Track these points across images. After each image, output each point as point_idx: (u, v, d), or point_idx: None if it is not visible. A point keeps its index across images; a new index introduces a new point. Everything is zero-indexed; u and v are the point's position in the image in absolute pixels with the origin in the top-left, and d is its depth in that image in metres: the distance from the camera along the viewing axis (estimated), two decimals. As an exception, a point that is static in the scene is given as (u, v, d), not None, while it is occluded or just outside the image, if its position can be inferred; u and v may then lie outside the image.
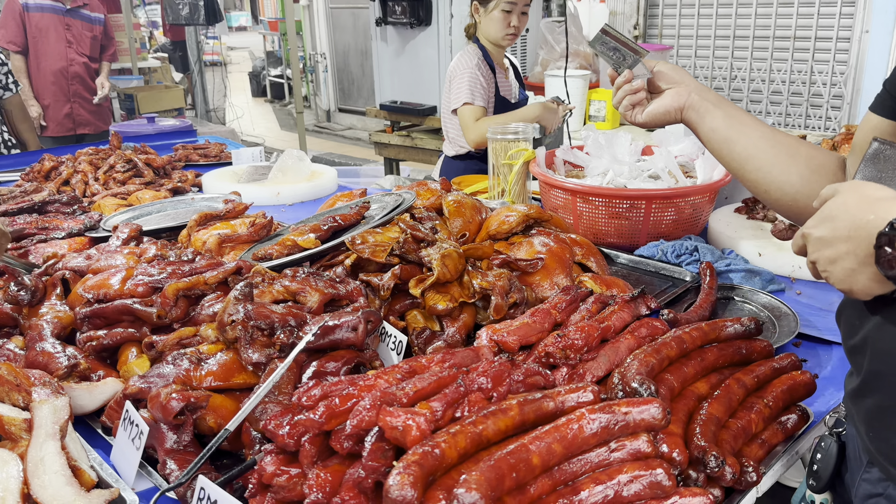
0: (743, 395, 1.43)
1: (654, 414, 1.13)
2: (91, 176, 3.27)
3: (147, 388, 1.44)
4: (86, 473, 1.32)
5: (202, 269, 1.81)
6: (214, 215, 2.42)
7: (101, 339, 1.68)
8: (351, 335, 1.50)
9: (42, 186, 3.11)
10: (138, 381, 1.46)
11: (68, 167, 3.30)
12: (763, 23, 6.77)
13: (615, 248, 2.51)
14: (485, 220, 2.45)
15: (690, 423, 1.32)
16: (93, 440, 1.49)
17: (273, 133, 13.54)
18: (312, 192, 3.41)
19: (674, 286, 2.24)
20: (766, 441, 1.40)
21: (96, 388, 1.52)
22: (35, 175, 3.32)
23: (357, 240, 1.94)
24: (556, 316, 1.64)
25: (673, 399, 1.37)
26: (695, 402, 1.39)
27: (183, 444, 1.36)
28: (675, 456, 1.20)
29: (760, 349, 1.55)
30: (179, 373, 1.46)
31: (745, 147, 1.47)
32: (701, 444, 1.23)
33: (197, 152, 4.13)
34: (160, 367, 1.50)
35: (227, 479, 1.23)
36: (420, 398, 1.11)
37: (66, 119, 5.78)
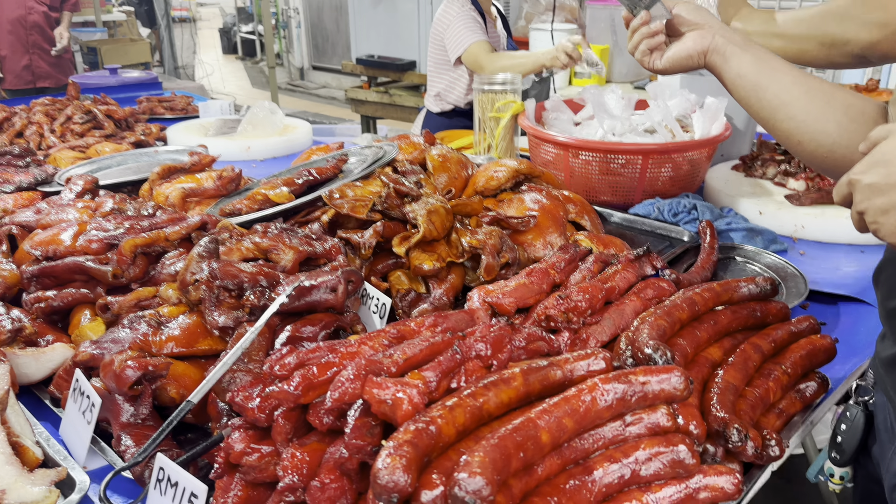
0: (759, 361, 1.31)
1: (675, 384, 1.00)
2: (47, 128, 3.05)
3: (100, 354, 1.28)
4: (30, 451, 1.16)
5: (163, 224, 1.64)
6: (178, 168, 2.24)
7: (51, 301, 1.51)
8: (330, 296, 1.35)
9: (-7, 138, 2.88)
10: (90, 346, 1.30)
11: (22, 118, 3.07)
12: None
13: (609, 206, 2.37)
14: (471, 177, 2.30)
15: (706, 392, 1.20)
16: (40, 413, 1.34)
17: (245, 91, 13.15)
18: (285, 146, 3.22)
19: (671, 246, 2.11)
20: (783, 411, 1.28)
21: (43, 354, 1.36)
22: (-14, 126, 3.08)
23: (335, 194, 1.77)
24: (554, 276, 1.50)
25: (686, 365, 1.25)
26: (709, 369, 1.27)
27: (141, 418, 1.21)
28: (692, 429, 1.08)
29: (776, 311, 1.43)
30: (137, 338, 1.30)
31: (777, 94, 1.33)
32: (720, 416, 1.11)
33: (162, 105, 3.90)
34: (115, 332, 1.34)
35: (188, 457, 1.09)
36: (411, 367, 0.97)
37: (25, 71, 5.47)
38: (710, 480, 0.97)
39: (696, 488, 0.97)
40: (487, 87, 2.68)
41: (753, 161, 2.53)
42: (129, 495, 1.14)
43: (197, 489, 0.99)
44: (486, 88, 2.68)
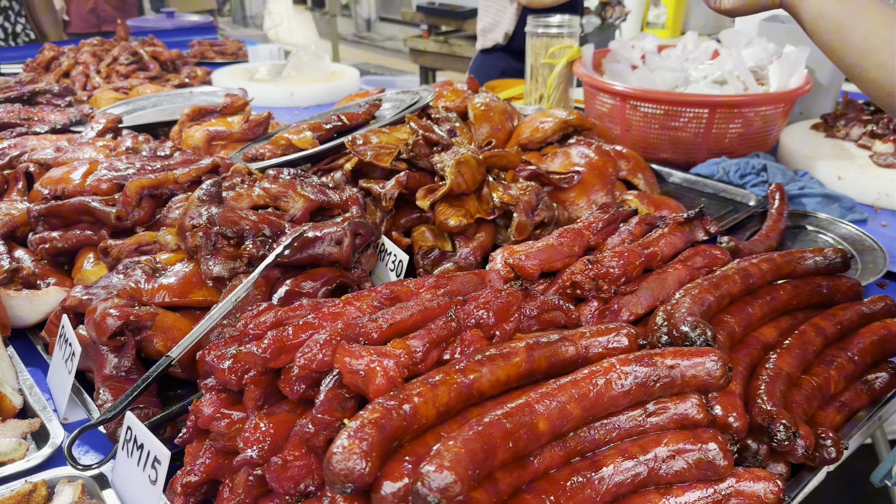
0: (821, 345, 1.12)
1: (710, 369, 0.84)
2: (93, 68, 3.01)
3: (88, 300, 1.19)
4: (7, 398, 1.10)
5: (174, 166, 1.54)
6: (209, 110, 2.15)
7: (55, 242, 1.44)
8: (334, 250, 1.23)
9: (39, 77, 2.86)
10: (81, 291, 1.22)
11: (69, 58, 3.04)
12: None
13: (668, 164, 2.17)
14: (516, 128, 2.13)
15: (753, 379, 1.03)
16: (32, 358, 1.27)
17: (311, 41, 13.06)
18: (330, 93, 3.09)
19: (735, 210, 1.91)
20: (846, 404, 1.10)
21: (37, 297, 1.29)
22: (35, 66, 3.06)
23: (358, 140, 1.64)
24: (588, 238, 1.34)
25: (733, 347, 1.08)
26: (760, 351, 1.10)
27: (123, 370, 1.12)
28: (730, 421, 0.92)
29: (846, 289, 1.23)
30: (128, 284, 1.21)
31: (865, 36, 1.11)
32: (766, 409, 0.94)
33: (213, 49, 3.82)
34: (109, 277, 1.25)
35: (160, 418, 0.99)
36: (396, 333, 0.84)
37: (90, 14, 5.49)
38: (745, 486, 0.81)
39: (727, 494, 0.81)
40: (542, 30, 2.47)
41: (836, 120, 2.26)
42: (105, 452, 1.06)
43: (161, 454, 0.89)
44: (539, 31, 2.47)
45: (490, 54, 3.52)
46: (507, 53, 3.44)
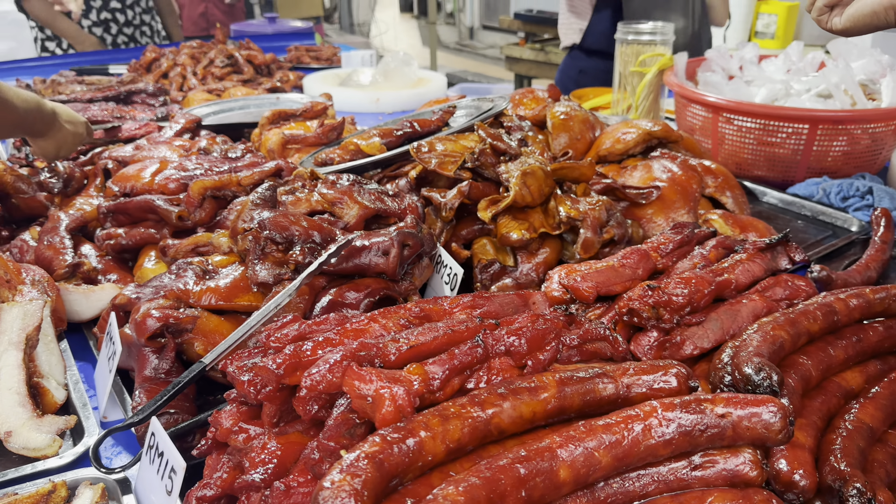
0: (918, 398, 0.98)
1: (767, 421, 0.73)
2: (190, 70, 3.12)
3: (136, 299, 1.20)
4: (50, 393, 1.11)
5: (239, 168, 1.55)
6: (289, 114, 2.16)
7: (120, 239, 1.47)
8: (380, 260, 1.18)
9: (140, 78, 2.99)
10: (131, 290, 1.23)
11: (168, 60, 3.16)
12: None
13: (763, 182, 2.01)
14: (597, 139, 2.02)
15: (829, 431, 0.90)
16: (85, 353, 1.30)
17: (415, 50, 13.24)
18: (416, 100, 3.06)
19: (834, 236, 1.73)
20: (944, 469, 0.95)
21: (93, 293, 1.31)
22: (138, 67, 3.21)
23: (423, 147, 1.59)
24: (655, 260, 1.23)
25: (807, 392, 0.95)
26: (840, 399, 0.96)
27: (162, 372, 1.11)
28: (796, 478, 0.80)
29: (952, 334, 1.07)
30: (176, 286, 1.21)
31: None
32: (839, 467, 0.82)
33: (309, 54, 3.90)
34: (161, 277, 1.26)
35: (186, 426, 0.97)
36: (416, 357, 0.78)
37: (201, 18, 5.75)
38: (804, 563, 0.70)
39: (782, 570, 0.70)
40: (633, 37, 2.35)
41: (960, 140, 2.03)
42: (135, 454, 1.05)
43: (177, 464, 0.87)
44: (630, 38, 2.36)
45: (570, 53, 3.41)
46: (582, 52, 3.32)
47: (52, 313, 1.23)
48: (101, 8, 3.89)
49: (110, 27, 4.00)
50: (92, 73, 3.35)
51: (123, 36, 4.08)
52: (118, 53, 3.95)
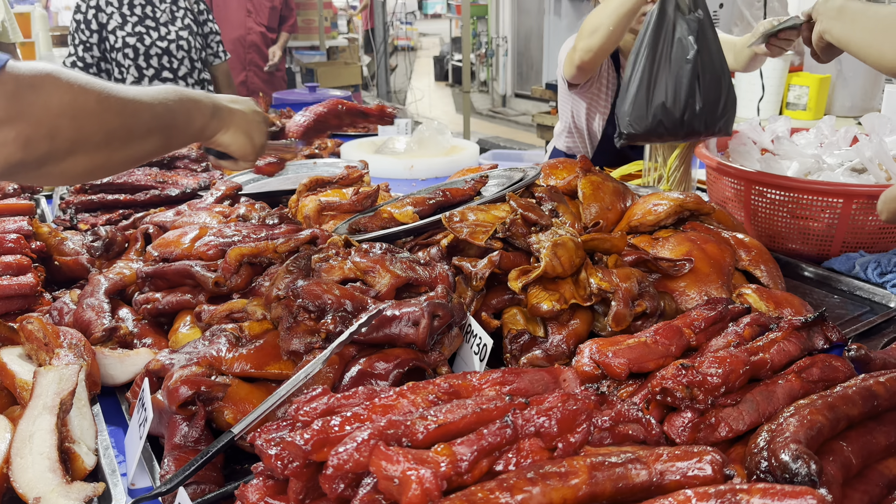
0: (967, 489, 0.94)
1: (807, 515, 0.71)
2: (232, 137, 3.21)
3: (170, 364, 1.22)
4: (81, 458, 1.12)
5: (276, 236, 1.58)
6: (326, 181, 2.21)
7: (157, 303, 1.50)
8: (410, 331, 1.19)
9: (184, 144, 3.10)
10: (165, 356, 1.25)
11: (212, 127, 3.27)
12: None
13: (798, 256, 1.98)
14: (628, 209, 2.03)
15: (873, 525, 0.87)
16: (117, 418, 1.31)
17: (448, 116, 13.54)
18: (449, 167, 3.12)
19: (872, 313, 1.70)
20: None
21: (128, 357, 1.34)
22: (182, 133, 3.32)
23: (455, 217, 1.61)
24: (689, 336, 1.22)
25: (847, 481, 0.92)
26: (883, 489, 0.93)
27: (191, 440, 1.12)
28: (840, 576, 0.77)
29: None
30: (209, 352, 1.22)
31: None
32: (887, 566, 0.78)
33: (346, 122, 4.00)
34: (195, 343, 1.28)
35: (211, 497, 0.97)
36: (444, 436, 0.77)
37: (241, 87, 5.96)
38: None
39: None
40: (663, 112, 2.38)
41: None
42: (164, 524, 1.05)
43: (201, 538, 0.87)
44: (660, 112, 2.38)
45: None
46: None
47: (87, 377, 1.25)
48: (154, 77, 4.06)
49: None
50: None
51: None
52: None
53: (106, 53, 3.99)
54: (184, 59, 4.09)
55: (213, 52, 4.41)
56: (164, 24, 3.99)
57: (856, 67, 4.17)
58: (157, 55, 3.99)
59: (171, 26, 4.01)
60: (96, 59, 3.98)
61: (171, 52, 4.01)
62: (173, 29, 4.01)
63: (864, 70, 4.17)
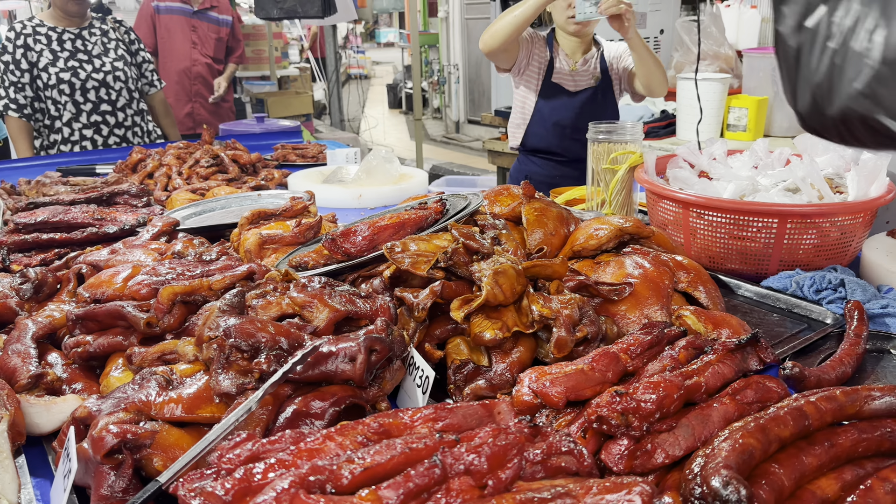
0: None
1: (734, 544, 0.70)
2: (175, 170, 3.17)
3: (97, 411, 1.17)
4: (0, 515, 1.07)
5: (212, 272, 1.55)
6: (269, 213, 2.18)
7: (87, 347, 1.45)
8: (347, 367, 1.17)
9: (125, 178, 3.04)
10: (94, 402, 1.20)
11: (154, 160, 3.22)
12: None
13: (736, 276, 2.02)
14: (572, 234, 2.05)
15: (806, 546, 0.87)
16: (43, 469, 1.25)
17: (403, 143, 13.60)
18: (399, 195, 3.12)
19: (809, 329, 1.73)
20: (929, 582, 0.91)
21: (55, 405, 1.28)
22: (124, 167, 3.26)
23: (397, 248, 1.60)
24: (626, 362, 1.22)
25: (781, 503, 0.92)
26: (816, 510, 0.94)
27: (119, 490, 1.07)
28: None
29: (927, 436, 1.05)
30: (138, 397, 1.18)
31: None
32: (819, 588, 0.79)
33: (295, 152, 3.98)
34: (125, 388, 1.23)
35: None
36: (371, 479, 0.75)
37: (187, 118, 5.90)
38: None
39: None
40: (603, 136, 2.42)
41: (925, 229, 2.06)
42: (87, 581, 1.00)
43: None
44: (601, 137, 2.42)
45: (518, 157, 3.73)
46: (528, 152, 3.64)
47: (11, 427, 1.20)
48: (92, 111, 3.99)
49: (101, 129, 4.08)
50: (78, 174, 3.40)
51: (115, 137, 4.16)
52: (106, 154, 4.02)
53: (39, 92, 3.91)
54: (122, 90, 4.03)
55: (148, 82, 4.36)
56: (97, 57, 3.93)
57: (791, 89, 4.31)
58: (94, 88, 3.92)
59: (104, 58, 3.95)
60: (30, 98, 3.90)
61: (108, 84, 3.95)
62: (107, 60, 3.95)
63: (799, 92, 4.31)
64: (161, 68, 5.63)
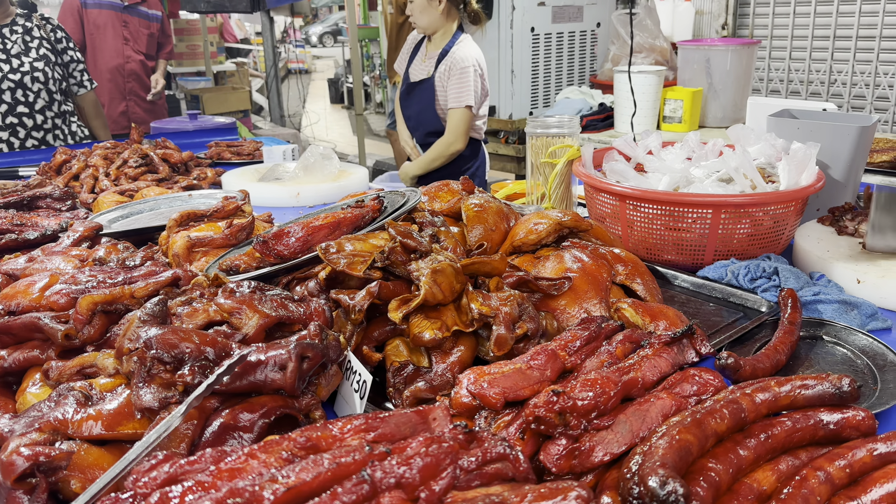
0: (827, 494, 0.96)
1: (670, 547, 0.69)
2: (102, 171, 3.03)
3: (9, 433, 1.09)
4: None
5: (135, 279, 1.47)
6: (199, 214, 2.10)
7: (2, 362, 1.36)
8: (277, 376, 1.12)
9: (49, 181, 2.89)
10: (6, 423, 1.12)
11: (80, 161, 3.08)
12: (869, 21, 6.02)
13: (673, 266, 2.04)
14: (512, 229, 2.03)
15: (743, 541, 0.87)
16: (-49, 495, 1.17)
17: (345, 138, 13.46)
18: (338, 193, 3.06)
19: (745, 318, 1.76)
20: (862, 569, 0.92)
21: (-39, 427, 1.19)
22: (47, 169, 3.11)
23: (332, 248, 1.55)
24: (564, 359, 1.21)
25: (719, 499, 0.92)
26: (753, 502, 0.94)
27: (32, 517, 1.00)
28: None
29: (856, 423, 1.07)
30: (54, 415, 1.11)
31: None
32: (756, 584, 0.78)
33: (230, 150, 3.87)
34: (40, 406, 1.15)
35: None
36: (295, 500, 0.71)
37: (122, 117, 5.70)
38: None
39: None
40: (541, 130, 2.42)
41: (843, 214, 2.12)
42: None
43: None
44: (539, 131, 2.42)
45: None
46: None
47: (-89, 454, 1.11)
48: (7, 113, 3.79)
49: (17, 131, 3.88)
50: (-2, 177, 3.23)
51: (33, 140, 3.96)
52: (30, 155, 3.84)
53: None
54: (40, 92, 3.84)
55: (77, 82, 4.17)
56: (15, 56, 3.74)
57: (725, 80, 4.41)
58: (10, 89, 3.73)
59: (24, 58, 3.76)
60: None
61: (25, 85, 3.76)
62: (27, 60, 3.76)
63: (733, 82, 4.42)
64: (91, 66, 5.41)
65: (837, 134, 2.19)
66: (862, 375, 1.44)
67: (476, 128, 4.04)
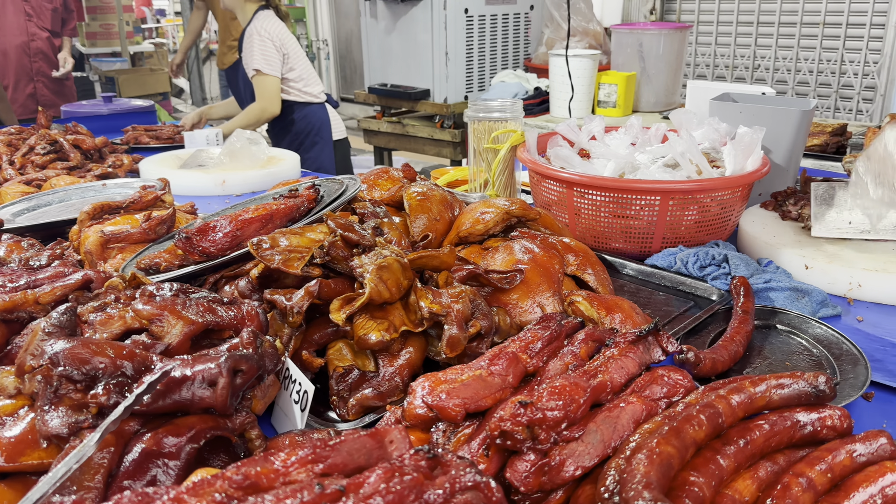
0: (811, 502, 0.90)
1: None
2: (6, 159, 2.77)
3: None
4: None
5: (40, 282, 1.30)
6: (114, 206, 1.91)
7: None
8: (206, 393, 0.99)
9: (-58, 171, 2.62)
10: None
11: (-21, 148, 2.81)
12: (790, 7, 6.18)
13: (621, 255, 1.98)
14: (457, 218, 1.93)
15: (730, 560, 0.80)
16: None
17: (272, 122, 13.03)
18: (267, 181, 2.89)
19: (696, 307, 1.71)
20: (847, 579, 0.87)
21: None
22: (-59, 158, 2.82)
23: (264, 243, 1.42)
24: (526, 363, 1.12)
25: (701, 514, 0.85)
26: (735, 515, 0.87)
27: (-87, 573, 0.85)
28: None
29: (832, 424, 1.02)
30: (-60, 448, 0.95)
31: None
32: None
33: (148, 134, 3.63)
34: (-76, 435, 0.99)
35: None
36: (234, 555, 0.59)
37: (30, 100, 5.30)
38: None
39: None
40: (483, 115, 2.32)
41: (787, 199, 2.11)
42: None
43: None
44: (481, 115, 2.32)
45: None
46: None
47: None
48: None
49: None
50: None
51: None
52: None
53: None
54: None
55: None
56: None
57: (658, 65, 4.43)
58: None
59: None
60: None
61: None
62: None
63: (665, 67, 4.43)
64: (-8, 45, 5.01)
65: (779, 118, 2.18)
66: (821, 366, 1.42)
67: (298, 91, 4.28)
